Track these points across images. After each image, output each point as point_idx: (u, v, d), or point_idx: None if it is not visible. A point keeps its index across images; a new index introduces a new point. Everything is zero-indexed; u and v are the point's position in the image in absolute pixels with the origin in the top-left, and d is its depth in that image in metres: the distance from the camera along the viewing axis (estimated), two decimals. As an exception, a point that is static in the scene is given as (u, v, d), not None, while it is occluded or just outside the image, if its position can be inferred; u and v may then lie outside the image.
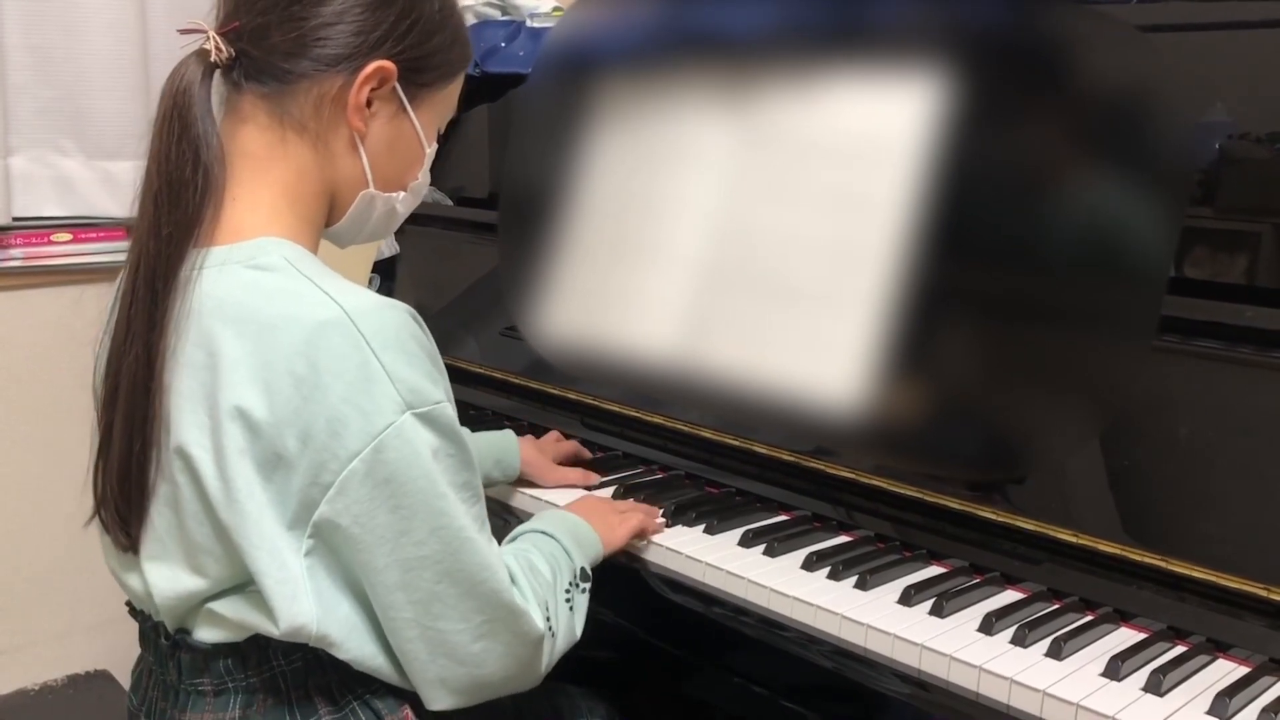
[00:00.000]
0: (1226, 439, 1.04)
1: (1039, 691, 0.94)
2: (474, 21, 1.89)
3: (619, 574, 1.20)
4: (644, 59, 1.53)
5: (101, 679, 1.66)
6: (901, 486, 1.20)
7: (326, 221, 1.02)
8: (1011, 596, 1.11)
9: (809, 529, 1.26)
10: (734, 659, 1.16)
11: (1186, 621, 1.04)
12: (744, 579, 1.14)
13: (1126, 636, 1.04)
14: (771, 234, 1.34)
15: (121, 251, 1.89)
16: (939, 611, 1.07)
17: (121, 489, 0.93)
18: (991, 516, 1.14)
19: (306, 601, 0.90)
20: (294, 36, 0.94)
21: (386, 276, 1.87)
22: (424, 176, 1.07)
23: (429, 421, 0.89)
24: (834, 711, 1.07)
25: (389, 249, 1.86)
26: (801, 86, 1.35)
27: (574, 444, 1.45)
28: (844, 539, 1.24)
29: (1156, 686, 0.95)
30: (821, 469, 1.27)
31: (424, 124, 1.03)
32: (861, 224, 1.26)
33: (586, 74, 1.58)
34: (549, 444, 1.44)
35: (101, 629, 1.99)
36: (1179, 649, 1.02)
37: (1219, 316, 1.06)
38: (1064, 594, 1.10)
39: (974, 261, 1.20)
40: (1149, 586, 1.06)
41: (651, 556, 1.22)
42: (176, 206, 0.92)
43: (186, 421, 0.90)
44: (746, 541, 1.22)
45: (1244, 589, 0.99)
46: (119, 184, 1.91)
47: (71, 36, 1.84)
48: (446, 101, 1.06)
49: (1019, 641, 1.02)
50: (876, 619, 1.05)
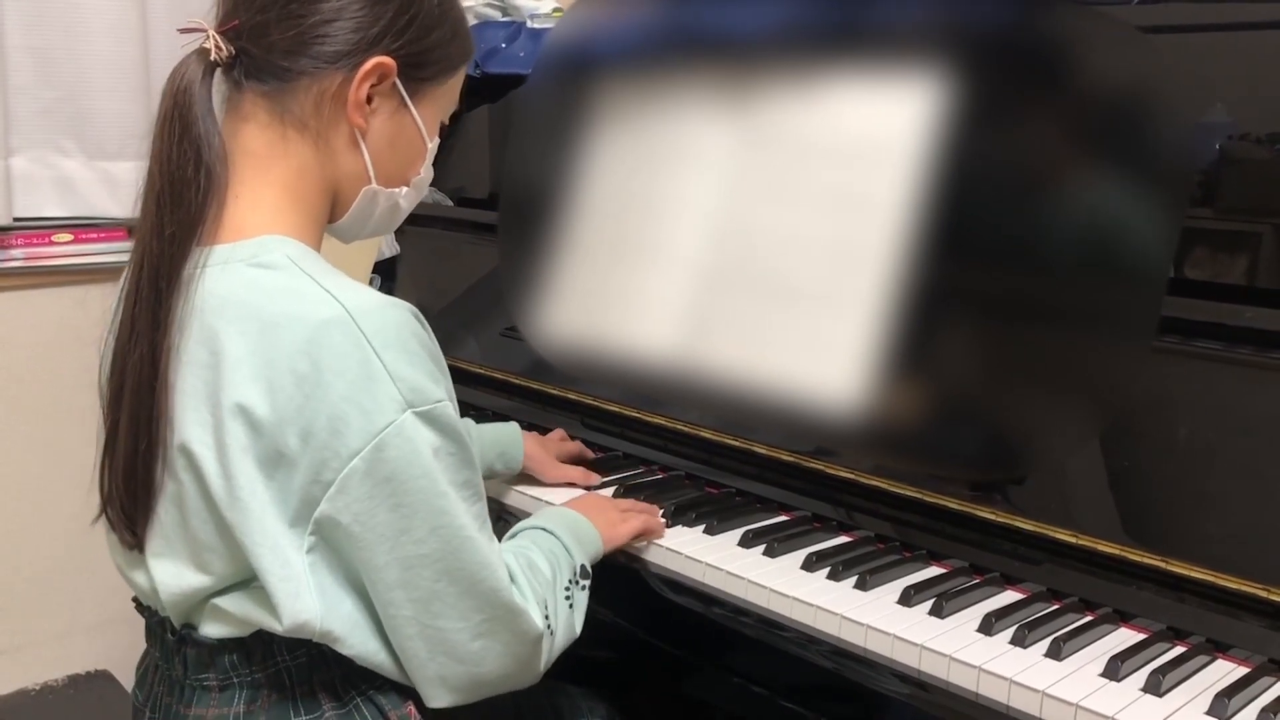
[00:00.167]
0: (1226, 439, 1.04)
1: (1038, 692, 0.94)
2: (474, 22, 1.89)
3: (619, 574, 1.20)
4: (644, 59, 1.53)
5: (102, 679, 1.66)
6: (901, 487, 1.21)
7: (330, 218, 1.02)
8: (1011, 597, 1.11)
9: (809, 529, 1.26)
10: (734, 659, 1.16)
11: (1186, 622, 1.04)
12: (744, 579, 1.14)
13: (1126, 637, 1.04)
14: (771, 234, 1.34)
15: (123, 252, 1.90)
16: (939, 612, 1.07)
17: (127, 487, 0.94)
18: (991, 517, 1.14)
19: (309, 598, 0.90)
20: (293, 34, 0.94)
21: (387, 277, 1.87)
22: (426, 171, 1.07)
23: (430, 420, 0.89)
24: (833, 712, 1.07)
25: (390, 249, 1.86)
26: (801, 87, 1.35)
27: (578, 444, 1.45)
28: (844, 539, 1.24)
29: (1156, 687, 0.95)
30: (821, 469, 1.28)
31: (425, 119, 1.02)
32: (861, 224, 1.26)
33: (586, 74, 1.58)
34: (553, 442, 1.44)
35: (102, 629, 1.99)
36: (1178, 649, 1.02)
37: (1219, 317, 1.06)
38: (1063, 594, 1.10)
39: (974, 262, 1.20)
40: (1148, 587, 1.06)
41: (651, 557, 1.22)
42: (179, 206, 0.92)
43: (190, 419, 0.91)
44: (746, 542, 1.22)
45: (1243, 589, 0.99)
46: (120, 184, 1.91)
47: (72, 37, 1.84)
48: (448, 96, 1.05)
49: (1018, 642, 1.02)
50: (876, 619, 1.06)
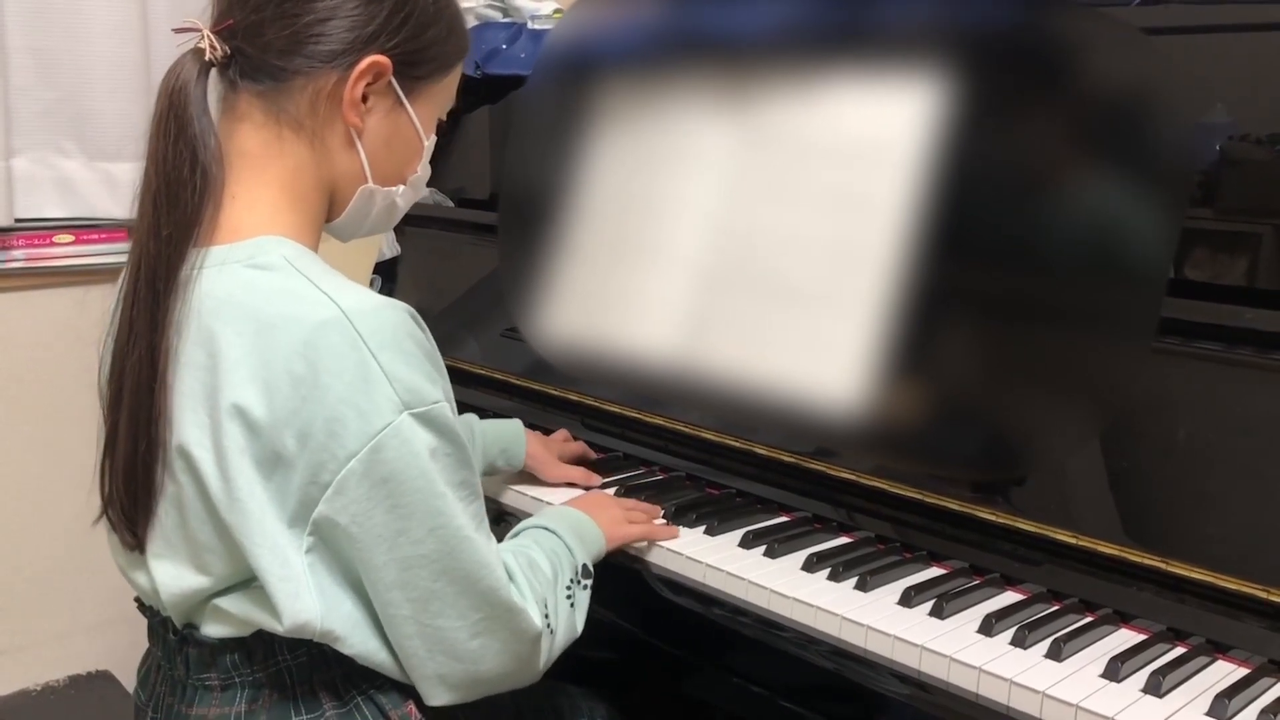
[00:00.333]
0: (1226, 440, 1.04)
1: (1039, 693, 0.95)
2: (475, 23, 1.89)
3: (620, 575, 1.20)
4: (644, 60, 1.53)
5: (103, 679, 1.67)
6: (902, 488, 1.21)
7: (327, 217, 1.02)
8: (1011, 598, 1.11)
9: (809, 530, 1.26)
10: (734, 660, 1.16)
11: (1186, 623, 1.04)
12: (744, 580, 1.14)
13: (1126, 638, 1.04)
14: (772, 235, 1.34)
15: (123, 253, 1.88)
16: (939, 613, 1.07)
17: (127, 488, 0.94)
18: (991, 518, 1.14)
19: (309, 598, 0.90)
20: (288, 34, 0.93)
21: (387, 277, 1.87)
22: (423, 169, 1.06)
23: (426, 421, 0.89)
24: (834, 712, 1.07)
25: (390, 250, 1.86)
26: (801, 87, 1.35)
27: (580, 444, 1.46)
28: (844, 540, 1.24)
29: (1156, 688, 0.95)
30: (822, 470, 1.28)
31: (422, 117, 1.02)
32: (862, 225, 1.26)
33: (586, 75, 1.58)
34: (556, 441, 1.44)
35: (103, 629, 1.99)
36: (1178, 650, 1.02)
37: (1219, 318, 1.06)
38: (1064, 595, 1.10)
39: (974, 262, 1.20)
40: (1149, 588, 1.06)
41: (652, 557, 1.22)
42: (175, 207, 0.92)
43: (188, 421, 0.91)
44: (747, 543, 1.22)
45: (1243, 590, 0.99)
46: (120, 185, 1.91)
47: (74, 38, 1.84)
48: (444, 93, 1.05)
49: (1019, 643, 1.02)
50: (876, 620, 1.06)
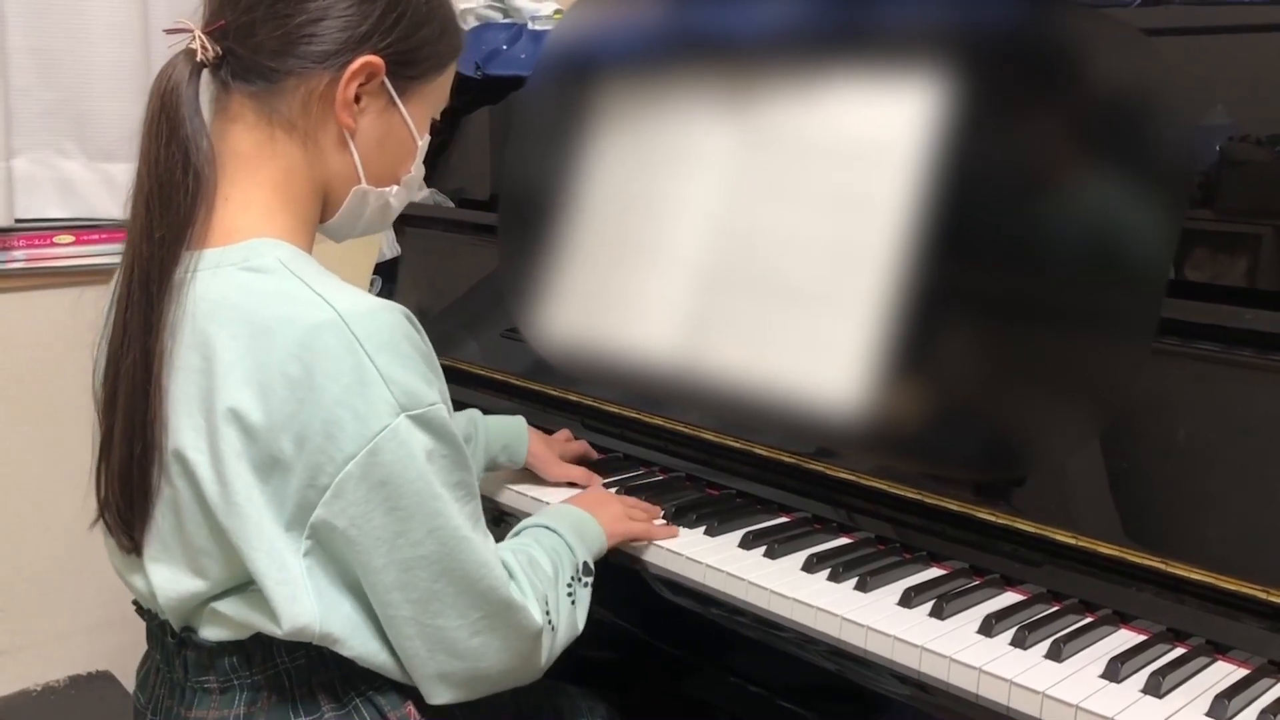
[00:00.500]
0: (1226, 441, 1.04)
1: (1038, 693, 0.95)
2: (475, 24, 1.89)
3: (620, 575, 1.20)
4: (644, 61, 1.53)
5: (103, 679, 1.67)
6: (902, 488, 1.21)
7: (320, 218, 1.01)
8: (1011, 598, 1.11)
9: (809, 531, 1.26)
10: (734, 660, 1.16)
11: (1186, 623, 1.04)
12: (744, 580, 1.14)
13: (1126, 638, 1.04)
14: (772, 235, 1.34)
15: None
16: (939, 613, 1.07)
17: (123, 492, 0.93)
18: (991, 518, 1.14)
19: (307, 601, 0.90)
20: (280, 34, 0.93)
21: (388, 278, 1.87)
22: (417, 169, 1.06)
23: (423, 423, 0.89)
24: (833, 713, 1.07)
25: (390, 251, 1.86)
26: (802, 88, 1.35)
27: (583, 444, 1.46)
28: (844, 541, 1.24)
29: (1156, 688, 0.95)
30: (822, 471, 1.28)
31: (415, 117, 1.01)
32: (862, 225, 1.26)
33: (587, 76, 1.58)
34: (558, 441, 1.44)
35: (103, 629, 1.99)
36: (1178, 651, 1.02)
37: (1219, 319, 1.06)
38: (1064, 596, 1.10)
39: (974, 263, 1.20)
40: (1148, 588, 1.06)
41: (652, 558, 1.22)
42: (168, 209, 0.91)
43: (183, 425, 0.90)
44: (747, 543, 1.22)
45: (1243, 591, 1.00)
46: (121, 186, 1.89)
47: (74, 39, 1.84)
48: (438, 93, 1.04)
49: (1019, 643, 1.02)
50: (876, 621, 1.06)
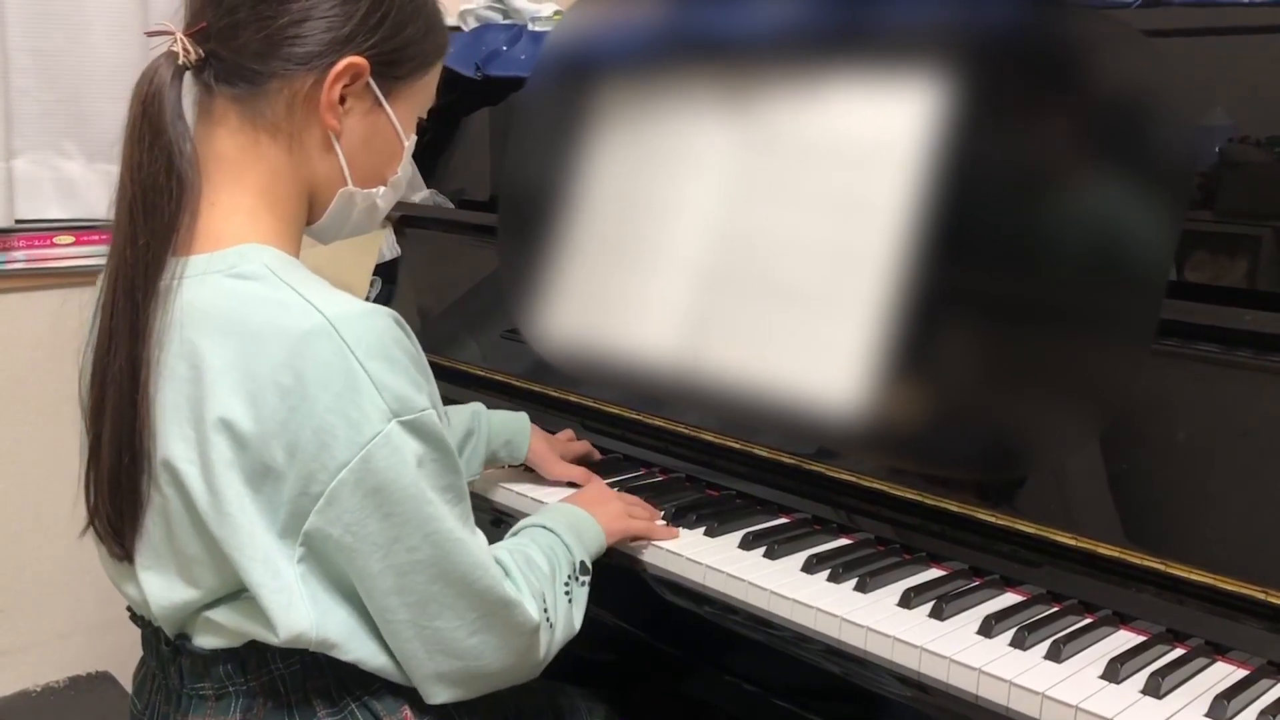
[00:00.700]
0: (1226, 442, 1.05)
1: (1038, 694, 0.95)
2: (475, 25, 1.89)
3: (620, 575, 1.20)
4: (644, 62, 1.53)
5: (103, 680, 1.67)
6: (902, 489, 1.21)
7: (307, 220, 1.00)
8: (1011, 599, 1.12)
9: (809, 531, 1.26)
10: (734, 660, 1.16)
11: (1185, 624, 1.04)
12: (744, 581, 1.14)
13: (1125, 639, 1.04)
14: (772, 237, 1.34)
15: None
16: (939, 614, 1.07)
17: (112, 501, 0.92)
18: (991, 519, 1.14)
19: (303, 608, 0.90)
20: (262, 36, 0.92)
21: (388, 279, 1.87)
22: (404, 170, 1.05)
23: (414, 429, 0.88)
24: (833, 713, 1.07)
25: (390, 251, 1.86)
26: (802, 89, 1.35)
27: (585, 444, 1.46)
28: (844, 541, 1.24)
29: (1155, 689, 0.95)
30: (822, 472, 1.28)
31: (401, 117, 1.00)
32: (862, 227, 1.26)
33: (586, 77, 1.58)
34: (560, 440, 1.44)
35: (103, 630, 1.99)
36: (1178, 651, 1.02)
37: (1218, 320, 1.06)
38: (1063, 596, 1.10)
39: (975, 265, 1.20)
40: (1148, 589, 1.06)
41: (652, 558, 1.22)
42: (152, 215, 0.90)
43: (172, 435, 0.89)
44: (747, 544, 1.22)
45: (1243, 592, 1.00)
46: (121, 186, 1.91)
47: (74, 40, 1.84)
48: (424, 92, 1.03)
49: (1018, 644, 1.02)
50: (876, 621, 1.06)
